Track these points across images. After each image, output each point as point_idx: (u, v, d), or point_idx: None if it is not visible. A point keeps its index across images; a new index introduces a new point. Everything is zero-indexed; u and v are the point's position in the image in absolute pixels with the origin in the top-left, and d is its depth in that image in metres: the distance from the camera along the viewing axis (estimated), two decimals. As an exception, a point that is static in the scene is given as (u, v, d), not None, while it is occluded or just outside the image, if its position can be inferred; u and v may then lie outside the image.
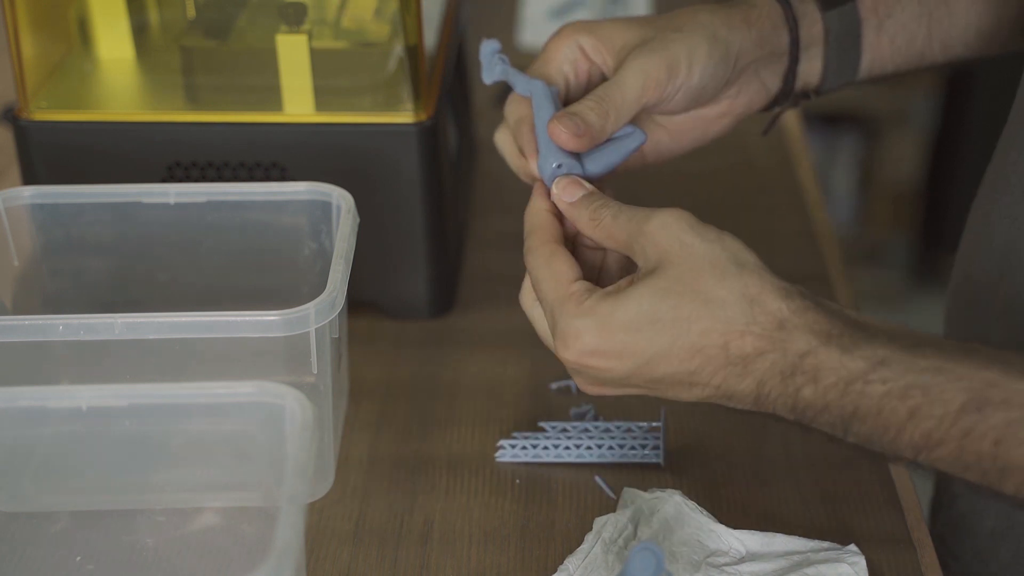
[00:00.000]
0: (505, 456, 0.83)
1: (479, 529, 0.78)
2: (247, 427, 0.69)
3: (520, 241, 1.06)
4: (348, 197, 0.82)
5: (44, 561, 0.75)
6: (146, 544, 0.76)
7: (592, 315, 0.66)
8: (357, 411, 0.88)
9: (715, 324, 0.65)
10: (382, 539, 0.78)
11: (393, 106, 0.91)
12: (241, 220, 0.85)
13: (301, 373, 0.75)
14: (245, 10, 0.94)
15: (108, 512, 0.77)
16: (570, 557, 0.74)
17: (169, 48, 0.95)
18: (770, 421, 0.85)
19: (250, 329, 0.73)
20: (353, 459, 0.84)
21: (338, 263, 0.76)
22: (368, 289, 0.94)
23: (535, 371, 0.91)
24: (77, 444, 0.72)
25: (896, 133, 2.57)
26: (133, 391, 0.69)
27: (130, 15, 0.94)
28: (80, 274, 0.87)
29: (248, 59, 0.93)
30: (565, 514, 0.79)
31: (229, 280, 0.87)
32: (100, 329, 0.72)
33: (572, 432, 0.84)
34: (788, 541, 0.75)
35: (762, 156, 1.19)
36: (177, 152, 0.91)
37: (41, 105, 0.92)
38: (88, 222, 0.85)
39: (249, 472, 0.73)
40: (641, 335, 0.65)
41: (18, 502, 0.77)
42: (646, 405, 0.87)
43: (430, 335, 0.95)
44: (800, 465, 0.82)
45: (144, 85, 0.97)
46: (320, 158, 0.90)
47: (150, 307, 0.77)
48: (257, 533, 0.76)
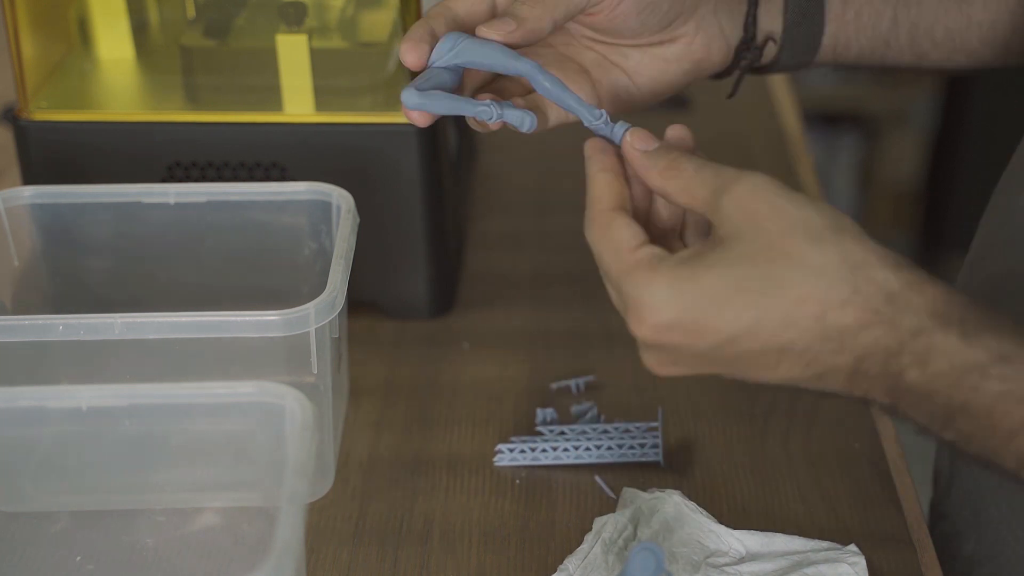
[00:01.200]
0: (503, 460, 0.83)
1: (479, 529, 0.78)
2: (247, 427, 0.69)
3: (520, 241, 1.07)
4: (348, 197, 0.82)
5: (44, 561, 0.75)
6: (146, 544, 0.76)
7: (668, 283, 0.59)
8: (357, 411, 0.88)
9: (812, 291, 0.57)
10: (382, 539, 0.78)
11: (393, 106, 0.91)
12: (241, 220, 0.85)
13: (301, 373, 0.75)
14: (245, 10, 0.94)
15: (108, 512, 0.77)
16: (570, 557, 0.74)
17: (169, 48, 0.95)
18: (771, 421, 0.86)
19: (250, 329, 0.73)
20: (353, 459, 0.84)
21: (338, 263, 0.76)
22: (368, 289, 0.94)
23: (535, 371, 0.91)
24: (77, 444, 0.72)
25: (896, 133, 2.57)
26: (133, 391, 0.69)
27: (130, 15, 0.94)
28: (80, 274, 0.87)
29: (248, 59, 0.93)
30: (565, 514, 0.79)
31: (229, 280, 0.87)
32: (100, 329, 0.72)
33: (570, 434, 0.84)
34: (788, 541, 0.75)
35: (762, 156, 1.19)
36: (177, 152, 0.91)
37: (41, 105, 0.92)
38: (88, 222, 0.85)
39: (249, 472, 0.73)
40: (727, 306, 0.58)
41: (18, 502, 0.77)
42: (645, 405, 0.87)
43: (430, 335, 0.95)
44: (800, 465, 0.82)
45: (144, 85, 0.97)
46: (320, 158, 0.90)
47: (150, 307, 0.77)
48: (257, 533, 0.76)
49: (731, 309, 0.58)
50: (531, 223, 1.09)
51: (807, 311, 0.58)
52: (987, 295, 0.82)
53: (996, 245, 0.82)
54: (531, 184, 1.14)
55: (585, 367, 0.91)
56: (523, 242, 1.07)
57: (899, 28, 0.81)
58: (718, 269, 0.59)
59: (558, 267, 1.03)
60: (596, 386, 0.90)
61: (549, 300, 0.99)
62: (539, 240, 1.07)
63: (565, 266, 1.03)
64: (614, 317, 0.96)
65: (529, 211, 1.11)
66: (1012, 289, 0.79)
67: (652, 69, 0.77)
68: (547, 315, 0.97)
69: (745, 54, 0.79)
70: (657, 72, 0.77)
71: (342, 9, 0.94)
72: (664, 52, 0.76)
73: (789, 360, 0.59)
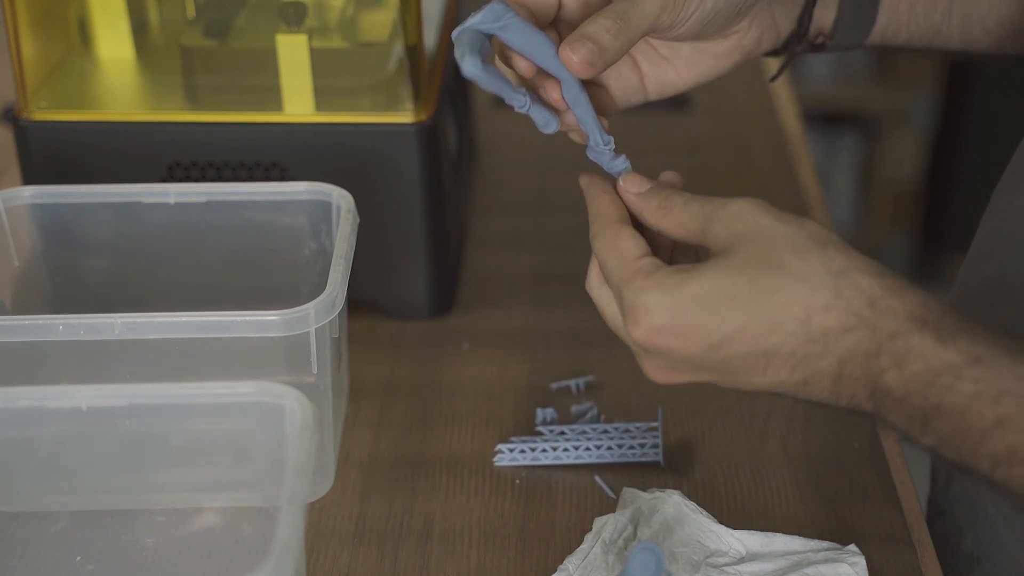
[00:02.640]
0: (503, 460, 0.83)
1: (479, 529, 0.78)
2: (247, 427, 0.69)
3: (520, 242, 1.07)
4: (348, 197, 0.82)
5: (44, 561, 0.75)
6: (146, 544, 0.76)
7: (662, 289, 0.62)
8: (357, 411, 0.88)
9: (796, 296, 0.60)
10: (382, 539, 0.78)
11: (393, 106, 0.91)
12: (241, 220, 0.85)
13: (301, 373, 0.75)
14: (245, 10, 0.94)
15: (108, 512, 0.77)
16: (570, 557, 0.74)
17: (169, 48, 0.95)
18: (770, 421, 0.86)
19: (250, 329, 0.73)
20: (353, 459, 0.84)
21: (338, 263, 0.76)
22: (368, 289, 0.94)
23: (535, 371, 0.91)
24: (77, 444, 0.72)
25: (896, 133, 2.57)
26: (133, 391, 0.69)
27: (130, 15, 0.94)
28: (80, 274, 0.87)
29: (248, 59, 0.93)
30: (565, 514, 0.79)
31: (229, 280, 0.87)
32: (100, 329, 0.72)
33: (570, 434, 0.84)
34: (788, 541, 0.75)
35: (762, 156, 1.19)
36: (177, 152, 0.91)
37: (41, 105, 0.92)
38: (88, 222, 0.85)
39: (249, 472, 0.73)
40: (715, 310, 0.61)
41: (18, 502, 0.77)
42: (645, 405, 0.87)
43: (430, 335, 0.95)
44: (800, 465, 0.82)
45: (144, 85, 0.97)
46: (320, 158, 0.90)
47: (150, 307, 0.77)
48: (257, 533, 0.76)
49: (719, 313, 0.61)
50: (531, 223, 1.09)
51: (792, 314, 0.60)
52: (985, 294, 0.82)
53: (995, 244, 0.82)
54: (531, 184, 1.14)
55: (585, 367, 0.91)
56: (523, 242, 1.07)
57: (952, 18, 0.81)
58: (709, 277, 0.62)
59: (558, 267, 1.03)
60: (596, 386, 0.90)
61: (549, 300, 0.99)
62: (539, 240, 1.07)
63: (565, 266, 1.03)
64: (614, 317, 0.97)
65: (529, 211, 1.11)
66: (1010, 288, 0.79)
67: (702, 64, 0.77)
68: (547, 315, 0.97)
69: (796, 47, 0.79)
70: (707, 67, 0.77)
71: (342, 9, 0.94)
72: (716, 48, 0.76)
73: (776, 364, 0.61)
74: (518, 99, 0.69)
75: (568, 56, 0.66)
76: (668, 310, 0.62)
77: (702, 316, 0.61)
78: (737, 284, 0.61)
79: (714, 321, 0.61)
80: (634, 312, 0.63)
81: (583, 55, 0.66)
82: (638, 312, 0.62)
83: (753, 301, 0.61)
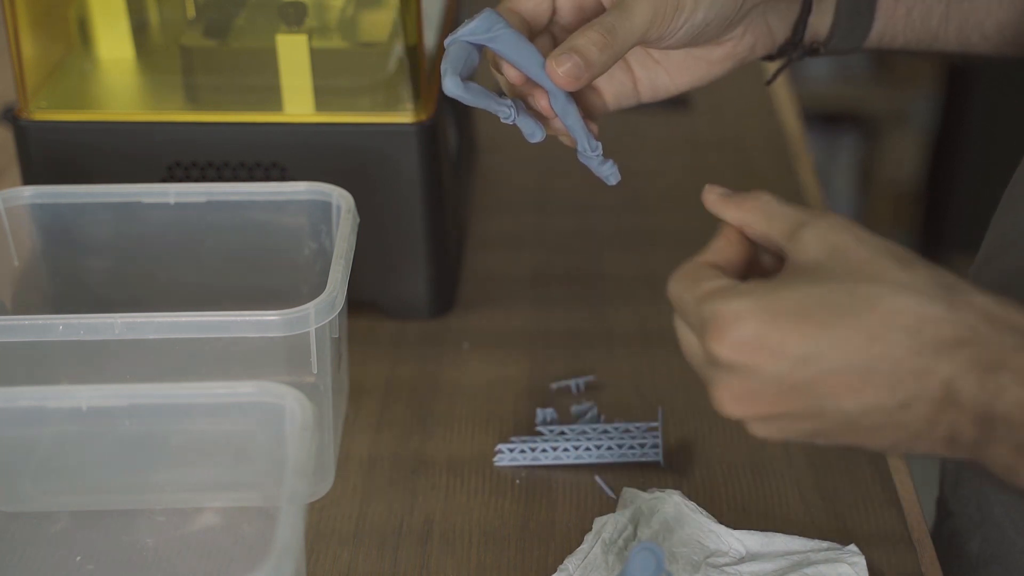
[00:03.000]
0: (503, 460, 0.83)
1: (479, 529, 0.78)
2: (247, 427, 0.69)
3: (520, 242, 1.07)
4: (348, 197, 0.82)
5: (44, 561, 0.75)
6: (146, 544, 0.76)
7: (751, 296, 0.56)
8: (357, 411, 0.88)
9: (905, 305, 0.54)
10: (382, 539, 0.78)
11: (393, 106, 0.91)
12: (241, 220, 0.85)
13: (301, 373, 0.75)
14: (245, 10, 0.94)
15: (108, 512, 0.77)
16: (570, 557, 0.74)
17: (169, 48, 0.95)
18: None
19: (250, 329, 0.73)
20: (353, 459, 0.84)
21: (338, 263, 0.76)
22: (368, 289, 0.94)
23: (535, 371, 0.91)
24: (77, 444, 0.72)
25: (896, 133, 2.57)
26: (133, 391, 0.69)
27: (130, 15, 0.94)
28: (80, 274, 0.87)
29: (248, 59, 0.93)
30: (565, 514, 0.79)
31: (229, 280, 0.87)
32: (100, 329, 0.72)
33: (570, 434, 0.84)
34: (788, 541, 0.75)
35: (762, 156, 1.19)
36: (177, 152, 0.91)
37: (41, 105, 0.92)
38: (88, 222, 0.85)
39: (249, 472, 0.73)
40: (810, 319, 0.54)
41: (18, 502, 0.77)
42: (645, 405, 0.87)
43: (430, 335, 0.95)
44: (800, 465, 0.82)
45: (144, 85, 0.97)
46: (320, 158, 0.90)
47: (150, 307, 0.77)
48: (257, 533, 0.76)
49: (813, 322, 0.55)
50: (531, 223, 1.09)
51: (900, 323, 0.54)
52: (1002, 290, 0.81)
53: (1007, 242, 0.82)
54: (531, 184, 1.14)
55: (585, 367, 0.91)
56: (523, 242, 1.07)
57: (949, 23, 0.80)
58: (801, 285, 0.56)
59: (558, 267, 1.03)
60: (596, 386, 0.90)
61: (549, 300, 0.99)
62: (539, 240, 1.07)
63: (565, 266, 1.03)
64: (614, 317, 0.97)
65: (529, 211, 1.11)
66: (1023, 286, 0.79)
67: (696, 69, 0.77)
68: (547, 315, 0.97)
69: (791, 53, 0.79)
70: (701, 73, 0.77)
71: (342, 9, 0.94)
72: (709, 54, 0.76)
73: (875, 382, 0.55)
74: (503, 111, 0.70)
75: (554, 69, 0.67)
76: (758, 318, 0.55)
77: (794, 324, 0.55)
78: (835, 291, 0.55)
79: (809, 329, 0.55)
80: (717, 323, 0.56)
81: (568, 68, 0.67)
82: (723, 321, 0.56)
83: (852, 310, 0.55)
